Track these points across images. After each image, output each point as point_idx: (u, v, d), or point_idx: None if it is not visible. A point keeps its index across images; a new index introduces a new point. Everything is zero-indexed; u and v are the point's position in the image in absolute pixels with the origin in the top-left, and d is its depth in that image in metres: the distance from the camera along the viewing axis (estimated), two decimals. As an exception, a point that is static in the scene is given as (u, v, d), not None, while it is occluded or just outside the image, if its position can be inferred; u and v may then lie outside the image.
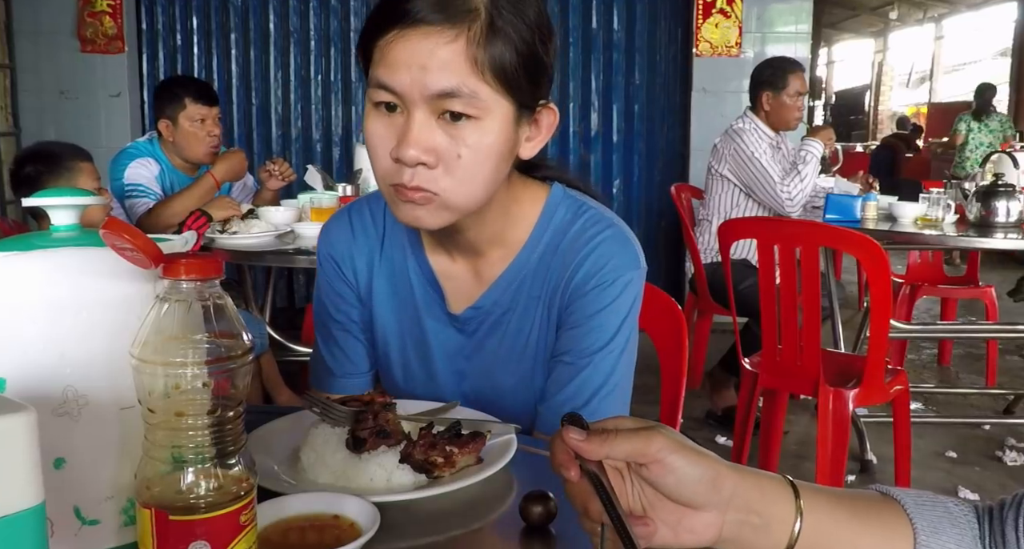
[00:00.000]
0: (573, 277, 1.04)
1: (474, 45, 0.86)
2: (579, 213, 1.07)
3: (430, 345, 1.12)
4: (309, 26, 4.82)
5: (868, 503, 0.66)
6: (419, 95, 0.87)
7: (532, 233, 1.06)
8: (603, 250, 1.04)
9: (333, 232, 1.16)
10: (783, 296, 2.35)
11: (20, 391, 0.62)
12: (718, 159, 3.33)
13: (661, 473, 0.60)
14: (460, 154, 0.89)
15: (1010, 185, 2.97)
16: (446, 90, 0.86)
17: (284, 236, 2.52)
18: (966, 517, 0.66)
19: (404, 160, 0.88)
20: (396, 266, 1.12)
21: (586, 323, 1.04)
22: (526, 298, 1.07)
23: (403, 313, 1.12)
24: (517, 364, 1.09)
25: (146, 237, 0.60)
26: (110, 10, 4.53)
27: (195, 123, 2.93)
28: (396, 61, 0.87)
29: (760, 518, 0.62)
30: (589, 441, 0.61)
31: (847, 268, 5.49)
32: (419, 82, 0.86)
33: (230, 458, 0.58)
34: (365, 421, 0.85)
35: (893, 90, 17.00)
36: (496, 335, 1.09)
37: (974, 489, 2.75)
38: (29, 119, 4.64)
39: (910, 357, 4.24)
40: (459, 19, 0.86)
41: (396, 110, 0.89)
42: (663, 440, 0.60)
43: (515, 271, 1.07)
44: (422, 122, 0.88)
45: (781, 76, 3.29)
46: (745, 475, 0.63)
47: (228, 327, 0.58)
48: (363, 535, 0.69)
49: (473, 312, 1.08)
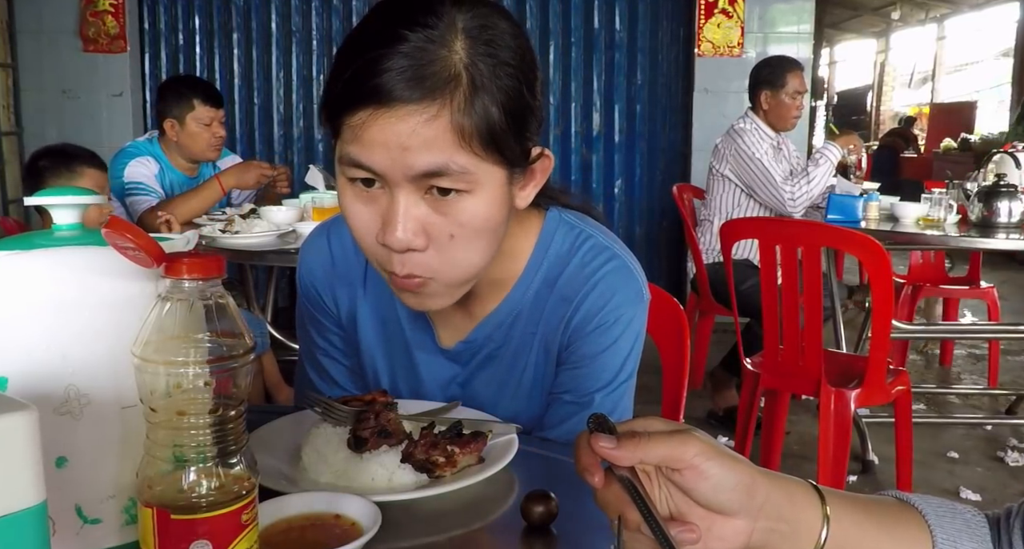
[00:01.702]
0: (573, 317, 0.99)
1: (458, 115, 0.76)
2: (577, 243, 1.00)
3: (421, 376, 1.08)
4: (311, 25, 4.82)
5: (889, 511, 0.65)
6: (402, 176, 0.78)
7: (527, 267, 1.00)
8: (604, 287, 0.98)
9: (312, 259, 1.09)
10: (785, 296, 2.35)
11: (22, 390, 0.62)
12: (719, 159, 3.33)
13: (695, 479, 0.58)
14: (453, 234, 0.81)
15: (1012, 185, 2.97)
16: (431, 169, 0.77)
17: (286, 236, 2.52)
18: (982, 528, 0.65)
19: (392, 247, 0.80)
20: (382, 298, 1.06)
21: (588, 364, 1.00)
22: (520, 334, 1.02)
23: (391, 344, 1.08)
24: (511, 399, 1.06)
25: (148, 236, 0.60)
26: (112, 9, 4.53)
27: (202, 125, 2.93)
28: (371, 142, 0.77)
29: (788, 525, 0.61)
30: (621, 447, 0.58)
31: (849, 268, 5.48)
32: (401, 164, 0.77)
33: (232, 457, 0.58)
34: (367, 421, 0.85)
35: (895, 90, 16.97)
36: (489, 368, 1.05)
37: (976, 490, 2.75)
38: (31, 118, 4.64)
39: (911, 357, 4.23)
40: (439, 91, 0.76)
41: (374, 185, 0.81)
42: (699, 445, 0.58)
43: (509, 307, 1.01)
44: (408, 203, 0.79)
45: (779, 75, 3.29)
46: (777, 482, 0.61)
47: (230, 326, 0.58)
48: (364, 534, 0.69)
49: (464, 346, 1.04)
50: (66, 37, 4.56)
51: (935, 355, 4.34)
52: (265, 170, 2.94)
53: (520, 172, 0.86)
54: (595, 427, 0.60)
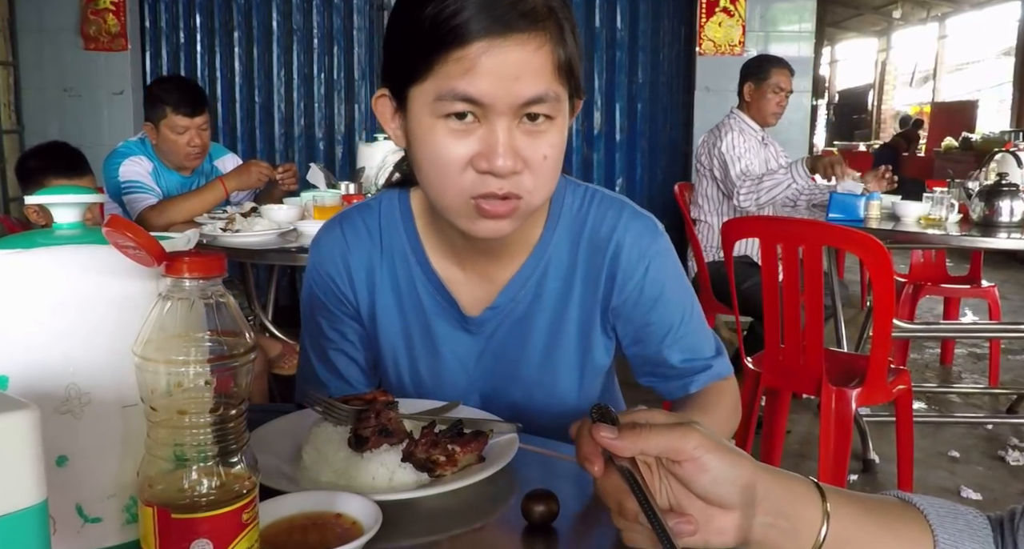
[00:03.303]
0: (616, 269, 1.05)
1: (556, 46, 0.85)
2: (587, 198, 1.07)
3: (440, 351, 1.09)
4: (312, 24, 4.82)
5: (890, 510, 0.65)
6: (507, 105, 0.84)
7: (545, 226, 1.05)
8: (633, 234, 1.05)
9: (325, 246, 1.11)
10: (786, 295, 2.34)
11: (22, 389, 0.62)
12: (701, 156, 3.41)
13: (695, 472, 0.59)
14: (546, 155, 0.88)
15: (1014, 185, 2.96)
16: (536, 97, 0.85)
17: (287, 234, 2.52)
18: (984, 529, 0.65)
19: (499, 171, 0.85)
20: (399, 276, 1.08)
21: (654, 310, 1.06)
22: (554, 292, 1.06)
23: (412, 322, 1.09)
24: (539, 367, 1.08)
25: (149, 235, 0.60)
26: (113, 8, 4.53)
27: (176, 133, 2.85)
28: (485, 72, 0.83)
29: (788, 521, 0.61)
30: (622, 438, 0.59)
31: (850, 267, 5.48)
32: (511, 92, 0.84)
33: (232, 456, 0.58)
34: (367, 420, 0.85)
35: (896, 89, 16.96)
36: (516, 335, 1.07)
37: (977, 489, 2.75)
38: (32, 116, 4.64)
39: (912, 356, 4.23)
40: (542, 23, 0.84)
41: (466, 118, 0.86)
42: (699, 438, 0.59)
43: (533, 264, 1.05)
44: (509, 130, 0.86)
45: (764, 68, 3.35)
46: (777, 477, 0.62)
47: (230, 325, 0.58)
48: (365, 534, 0.69)
49: (491, 312, 1.07)
50: (67, 35, 4.56)
51: (935, 354, 4.35)
52: (264, 170, 2.92)
53: (571, 107, 0.94)
54: (598, 418, 0.61)
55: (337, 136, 4.92)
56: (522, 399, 1.10)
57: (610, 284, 1.05)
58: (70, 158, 2.42)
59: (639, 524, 0.60)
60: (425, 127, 0.87)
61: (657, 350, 1.08)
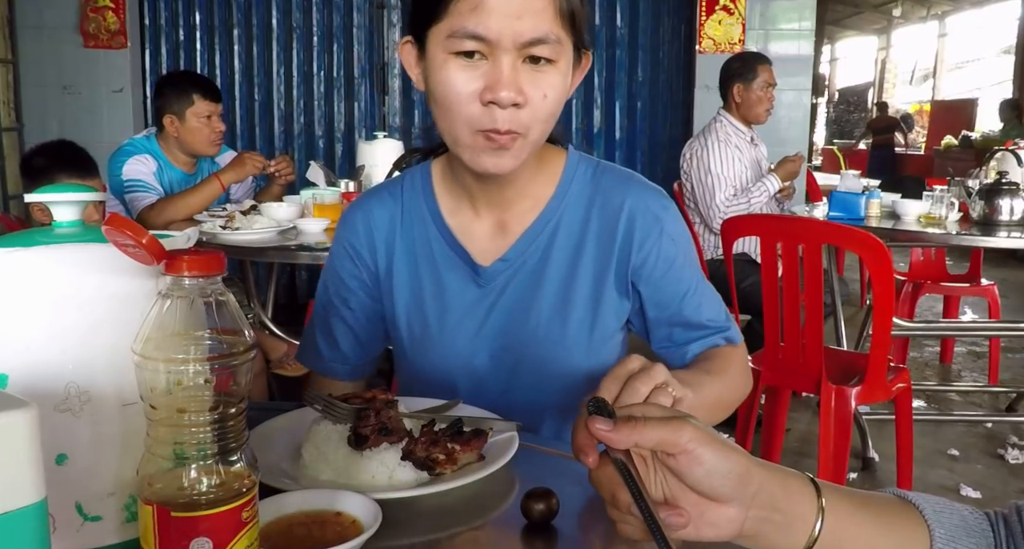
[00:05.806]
0: (633, 230, 1.09)
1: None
2: (599, 170, 1.13)
3: (451, 307, 1.12)
4: (312, 22, 4.81)
5: (887, 506, 0.65)
6: (511, 43, 0.91)
7: (559, 184, 1.11)
8: (648, 200, 1.10)
9: (350, 214, 1.19)
10: (785, 293, 2.34)
11: (22, 387, 0.62)
12: (684, 164, 3.42)
13: (689, 464, 0.59)
14: (546, 95, 0.95)
15: (1014, 183, 2.96)
16: (537, 37, 0.91)
17: (286, 232, 2.52)
18: (980, 526, 0.65)
19: (501, 101, 0.91)
20: (416, 234, 1.15)
21: (672, 270, 1.10)
22: (565, 250, 1.10)
23: (424, 276, 1.14)
24: (547, 322, 1.10)
25: (149, 233, 0.60)
26: (113, 5, 4.53)
27: (202, 119, 2.94)
28: (491, 11, 0.90)
29: (782, 516, 0.61)
30: (617, 430, 0.60)
31: (850, 266, 5.48)
32: (513, 30, 0.90)
33: (232, 455, 0.58)
34: (367, 418, 0.85)
35: (896, 87, 16.96)
36: (526, 289, 1.10)
37: (976, 487, 2.75)
38: (32, 114, 4.64)
39: (912, 355, 4.24)
40: None
41: (474, 57, 0.92)
42: (693, 431, 0.59)
43: (545, 219, 1.10)
44: (513, 66, 0.92)
45: (751, 67, 3.32)
46: (772, 472, 0.62)
47: (230, 323, 0.58)
48: (365, 532, 0.69)
49: (502, 264, 1.10)
50: (67, 33, 4.56)
51: (935, 352, 4.35)
52: (257, 160, 2.94)
53: (576, 59, 1.00)
54: (594, 410, 0.62)
55: (337, 134, 4.92)
56: (531, 360, 1.11)
57: (627, 244, 1.09)
58: (79, 158, 2.42)
59: (632, 515, 0.60)
60: (439, 63, 0.94)
61: (678, 309, 1.11)
